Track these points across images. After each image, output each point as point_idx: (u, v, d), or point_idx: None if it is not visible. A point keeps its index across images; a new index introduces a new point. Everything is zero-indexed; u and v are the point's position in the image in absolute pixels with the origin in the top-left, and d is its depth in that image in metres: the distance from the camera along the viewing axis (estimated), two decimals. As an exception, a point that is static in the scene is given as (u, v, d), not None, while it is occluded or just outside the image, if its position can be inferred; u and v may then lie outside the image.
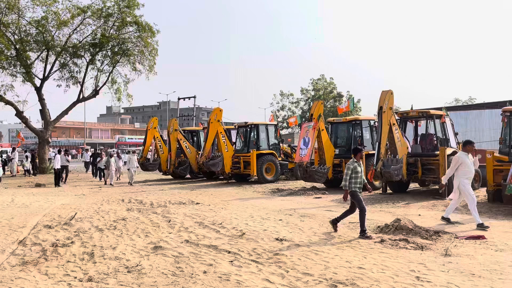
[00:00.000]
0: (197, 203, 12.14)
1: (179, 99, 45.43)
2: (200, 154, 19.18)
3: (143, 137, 25.31)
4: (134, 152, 21.94)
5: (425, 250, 6.47)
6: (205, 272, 5.60)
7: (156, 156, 22.30)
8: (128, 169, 20.00)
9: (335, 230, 7.92)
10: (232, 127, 21.55)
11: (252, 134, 19.35)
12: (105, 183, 19.88)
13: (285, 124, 56.97)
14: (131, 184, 19.05)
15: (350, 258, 6.07)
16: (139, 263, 6.06)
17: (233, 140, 20.15)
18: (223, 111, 19.32)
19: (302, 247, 6.71)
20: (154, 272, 5.67)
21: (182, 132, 21.45)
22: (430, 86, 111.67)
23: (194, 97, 44.50)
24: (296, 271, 5.52)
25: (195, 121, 46.42)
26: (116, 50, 27.89)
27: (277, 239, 7.29)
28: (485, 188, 12.02)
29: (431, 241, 7.02)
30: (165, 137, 22.74)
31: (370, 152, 14.97)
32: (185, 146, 20.95)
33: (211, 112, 19.44)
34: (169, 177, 22.77)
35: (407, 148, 13.53)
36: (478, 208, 10.64)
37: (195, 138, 23.21)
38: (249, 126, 19.44)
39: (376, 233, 7.72)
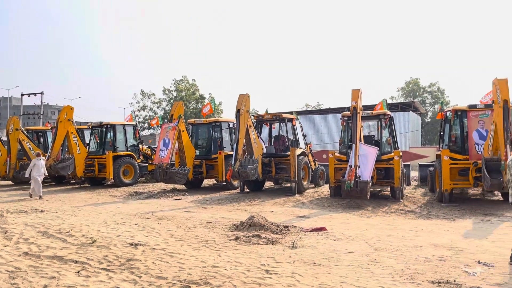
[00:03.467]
0: (41, 211, 10.93)
1: (22, 95, 40.71)
2: (47, 156, 17.34)
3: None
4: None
5: (275, 244, 6.90)
6: (46, 286, 5.04)
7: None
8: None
9: None
10: (86, 127, 20.03)
11: (108, 134, 18.27)
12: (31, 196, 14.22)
13: (146, 125, 55.27)
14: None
15: (205, 257, 6.13)
16: (-38, 284, 5.17)
17: (87, 141, 18.76)
18: (74, 109, 17.77)
19: (158, 251, 6.54)
20: (-19, 292, 4.90)
21: (24, 132, 19.10)
22: (284, 92, 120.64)
23: (42, 93, 40.29)
24: (150, 276, 5.35)
25: (42, 120, 41.95)
26: None
27: (131, 244, 6.97)
28: (328, 185, 13.38)
29: (281, 235, 7.53)
30: (4, 138, 19.99)
31: (229, 153, 15.45)
32: (29, 147, 18.71)
33: (61, 111, 17.75)
34: (9, 182, 20.08)
35: (263, 149, 14.32)
36: (321, 203, 11.88)
37: (41, 139, 20.92)
38: (105, 126, 18.30)
39: (231, 231, 7.95)
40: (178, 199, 13.53)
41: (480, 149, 11.08)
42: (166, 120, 18.84)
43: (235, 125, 14.03)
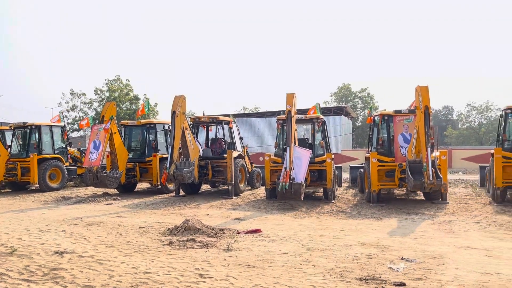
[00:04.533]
0: (-46, 219, 9.97)
1: None
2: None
3: None
4: None
5: (210, 248, 6.84)
6: (-44, 302, 4.60)
7: None
8: None
9: None
10: (7, 127, 18.63)
11: (33, 136, 17.12)
12: None
13: (75, 126, 52.53)
14: None
15: (137, 263, 5.92)
16: None
17: (8, 143, 17.45)
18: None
19: (86, 258, 6.21)
20: None
21: None
22: (223, 95, 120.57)
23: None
24: (76, 285, 5.06)
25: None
26: None
27: (56, 252, 6.56)
28: (264, 187, 13.54)
29: (216, 238, 7.48)
30: None
31: (164, 156, 15.11)
32: None
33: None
34: None
35: (199, 151, 14.18)
36: (257, 205, 12.00)
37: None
38: (29, 127, 17.14)
39: (165, 236, 7.77)
40: (109, 204, 12.99)
41: (404, 152, 11.78)
42: (97, 121, 18.02)
43: (170, 127, 13.76)
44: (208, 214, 10.56)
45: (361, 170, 14.41)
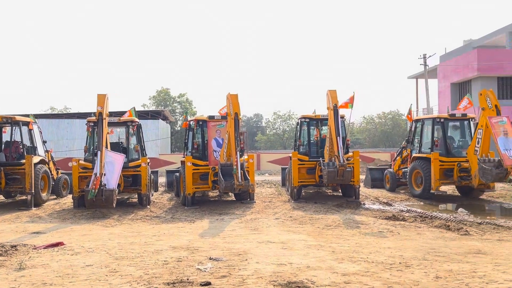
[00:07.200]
0: None
1: None
2: None
3: None
4: None
5: (-3, 269, 5.86)
6: None
7: None
8: None
9: None
10: None
11: None
12: None
13: None
14: None
15: None
16: None
17: None
18: None
19: None
20: None
21: None
22: (25, 94, 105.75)
23: None
24: None
25: None
26: None
27: None
28: (72, 195, 12.38)
29: (6, 257, 6.46)
30: None
31: None
32: None
33: None
34: None
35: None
36: (63, 215, 10.91)
37: None
38: None
39: None
40: None
41: (217, 156, 12.37)
42: None
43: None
44: (-2, 230, 9.07)
45: (177, 174, 14.54)
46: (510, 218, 10.33)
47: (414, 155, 14.17)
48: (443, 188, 13.76)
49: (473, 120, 13.57)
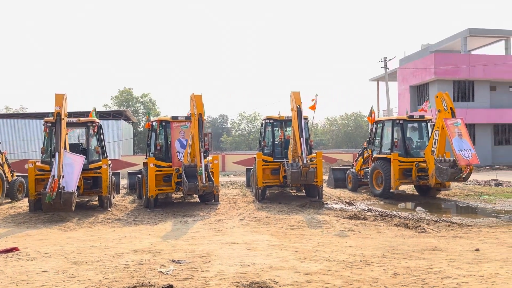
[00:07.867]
0: None
1: None
2: None
3: None
4: None
5: None
6: None
7: None
8: None
9: None
10: None
11: None
12: None
13: None
14: None
15: None
16: None
17: None
18: None
19: None
20: None
21: None
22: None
23: None
24: None
25: None
26: None
27: None
28: (28, 198, 11.90)
29: (-46, 264, 6.11)
30: None
31: None
32: None
33: None
34: None
35: None
36: (18, 219, 10.46)
37: None
38: None
39: None
40: None
41: (181, 157, 12.22)
42: None
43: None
44: None
45: (140, 175, 14.27)
46: (464, 215, 10.79)
47: (375, 155, 14.56)
48: (402, 187, 14.22)
49: (430, 121, 14.09)
